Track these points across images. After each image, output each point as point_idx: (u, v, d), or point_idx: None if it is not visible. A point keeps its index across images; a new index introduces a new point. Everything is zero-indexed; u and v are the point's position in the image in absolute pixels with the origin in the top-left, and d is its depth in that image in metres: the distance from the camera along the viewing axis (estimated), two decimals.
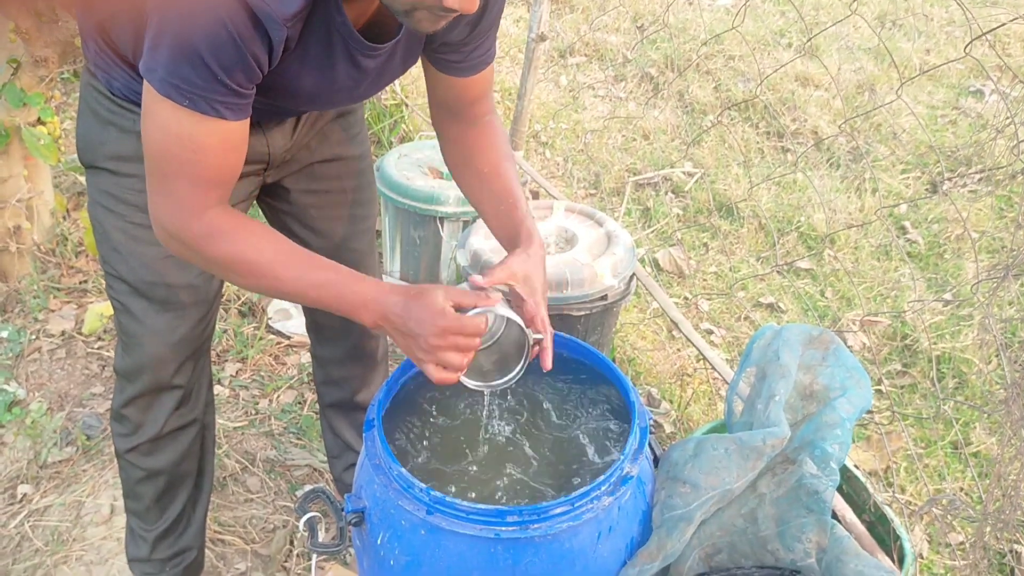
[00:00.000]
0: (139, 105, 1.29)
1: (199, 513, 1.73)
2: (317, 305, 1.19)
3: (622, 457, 1.23)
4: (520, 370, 1.26)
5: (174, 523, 1.67)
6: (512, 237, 1.34)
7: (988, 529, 1.34)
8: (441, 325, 1.12)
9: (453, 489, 1.35)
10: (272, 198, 1.56)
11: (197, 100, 1.05)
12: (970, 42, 1.38)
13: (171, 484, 1.63)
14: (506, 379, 1.26)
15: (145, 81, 1.07)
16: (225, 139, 1.11)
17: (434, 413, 1.47)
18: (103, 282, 2.65)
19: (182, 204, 1.12)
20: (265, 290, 1.21)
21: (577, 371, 1.48)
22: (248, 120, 1.13)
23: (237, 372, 2.41)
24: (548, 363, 1.26)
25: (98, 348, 2.46)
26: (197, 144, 1.09)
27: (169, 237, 1.16)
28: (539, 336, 1.25)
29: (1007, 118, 3.37)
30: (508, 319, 1.22)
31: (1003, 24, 1.42)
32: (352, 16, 1.14)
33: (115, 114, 1.33)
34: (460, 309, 1.15)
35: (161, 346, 1.45)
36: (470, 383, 1.26)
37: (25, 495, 2.02)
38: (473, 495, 1.34)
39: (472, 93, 1.39)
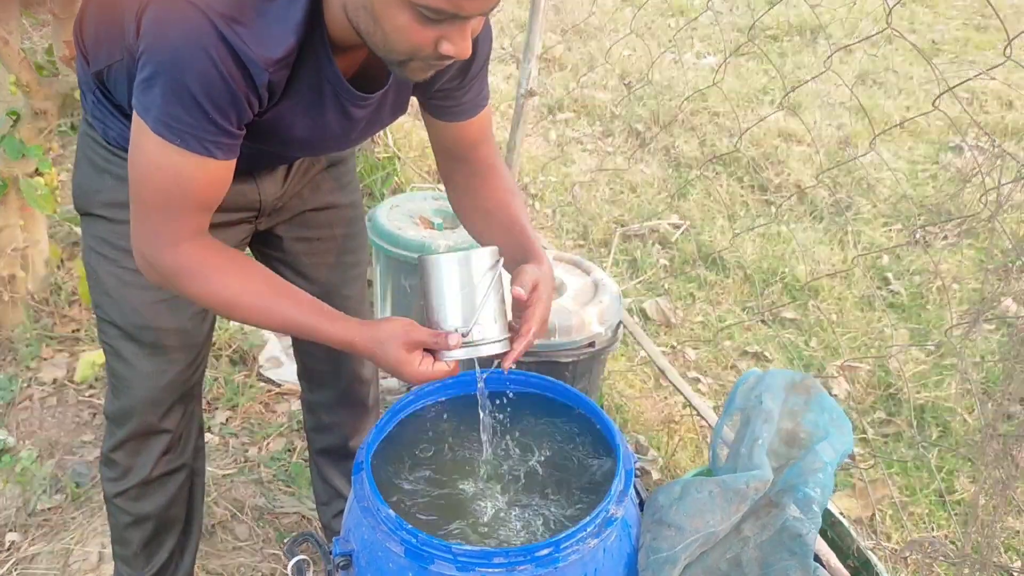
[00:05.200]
0: None
1: (187, 560, 1.73)
2: (295, 335, 1.26)
3: (607, 499, 1.25)
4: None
5: (161, 569, 1.67)
6: (521, 260, 1.34)
7: (967, 572, 1.36)
8: (418, 379, 1.19)
9: (440, 531, 1.36)
10: (264, 245, 1.59)
11: (188, 139, 1.09)
12: (939, 96, 1.45)
13: (159, 530, 1.64)
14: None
15: (135, 113, 1.11)
16: (210, 175, 1.15)
17: (422, 457, 1.49)
18: (96, 330, 2.68)
19: (158, 233, 1.17)
20: (242, 321, 1.27)
21: (564, 415, 1.51)
22: (235, 159, 1.17)
23: (227, 419, 2.41)
24: (505, 365, 1.25)
25: (89, 396, 2.47)
26: (183, 178, 1.13)
27: (146, 264, 1.21)
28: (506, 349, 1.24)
29: (975, 170, 3.45)
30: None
31: (968, 79, 1.48)
32: (342, 66, 1.18)
33: (110, 162, 1.36)
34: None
35: (150, 390, 1.48)
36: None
37: (13, 543, 2.01)
38: (460, 537, 1.35)
39: (470, 137, 1.41)
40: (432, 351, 1.21)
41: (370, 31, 1.08)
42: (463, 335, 1.20)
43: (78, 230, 2.90)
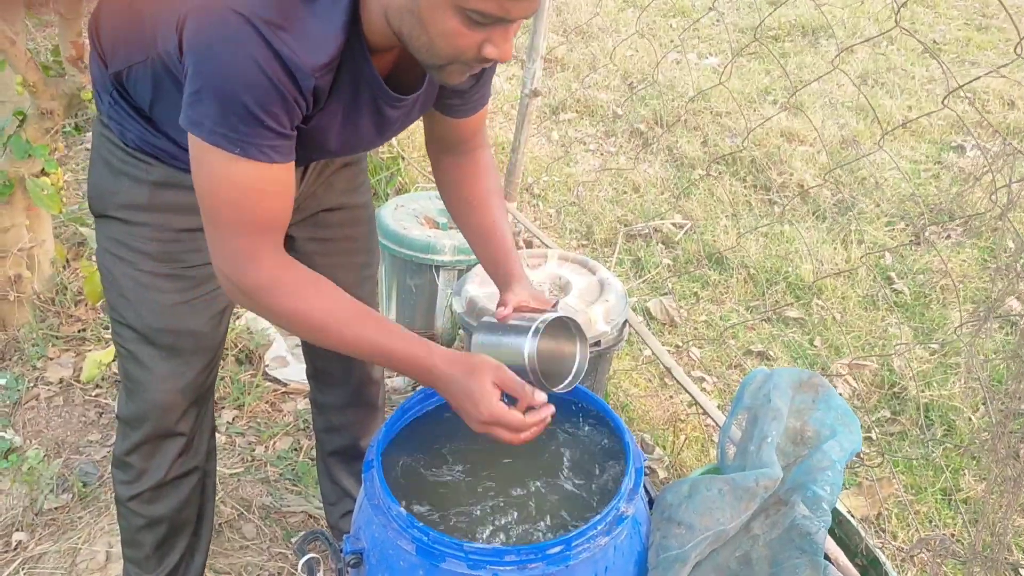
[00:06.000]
0: (151, 156, 1.33)
1: (197, 561, 1.73)
2: (372, 361, 1.24)
3: (618, 497, 1.26)
4: (585, 358, 1.36)
5: (172, 571, 1.67)
6: (501, 274, 1.45)
7: (977, 570, 1.36)
8: (486, 416, 1.20)
9: (451, 529, 1.36)
10: None
11: (247, 147, 1.08)
12: (947, 95, 1.45)
13: (171, 532, 1.64)
14: (576, 369, 1.36)
15: (190, 134, 1.10)
16: (276, 181, 1.14)
17: (432, 454, 1.50)
18: (102, 331, 2.68)
19: (239, 252, 1.16)
20: (322, 343, 1.25)
21: (573, 413, 1.51)
22: (293, 162, 1.16)
23: (234, 419, 2.42)
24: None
25: (95, 395, 2.48)
26: (250, 189, 1.12)
27: (231, 286, 1.19)
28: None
29: (984, 168, 3.46)
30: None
31: (977, 77, 1.49)
32: (378, 67, 1.18)
33: (128, 164, 1.35)
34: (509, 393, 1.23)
35: (166, 392, 1.47)
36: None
37: (20, 542, 2.02)
38: (471, 535, 1.36)
39: (468, 130, 1.47)
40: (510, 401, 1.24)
41: (414, 35, 1.08)
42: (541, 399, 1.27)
43: (84, 230, 2.91)
